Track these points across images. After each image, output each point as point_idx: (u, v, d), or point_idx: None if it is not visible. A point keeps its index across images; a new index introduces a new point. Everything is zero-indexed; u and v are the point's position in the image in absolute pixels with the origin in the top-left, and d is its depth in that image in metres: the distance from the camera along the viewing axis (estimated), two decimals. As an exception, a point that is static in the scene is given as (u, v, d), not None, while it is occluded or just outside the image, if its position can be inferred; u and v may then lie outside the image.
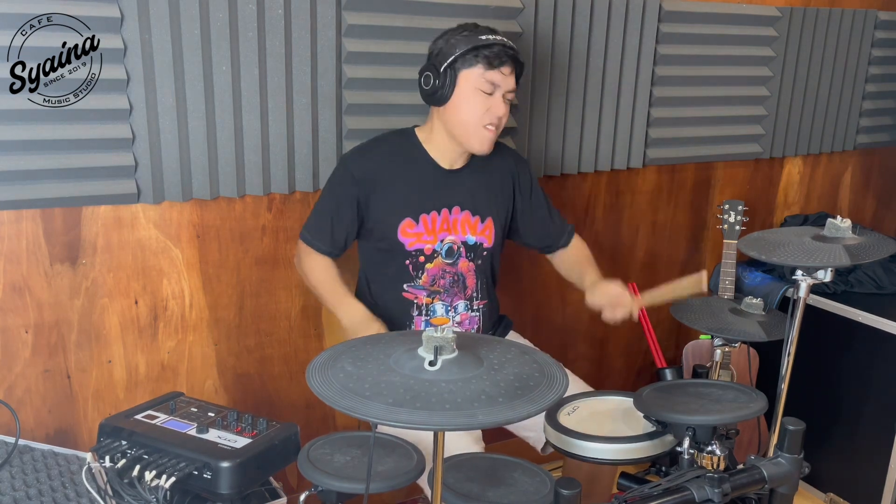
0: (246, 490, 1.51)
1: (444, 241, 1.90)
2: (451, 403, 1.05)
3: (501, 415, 1.05)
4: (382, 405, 1.05)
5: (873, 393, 2.49)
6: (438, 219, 1.90)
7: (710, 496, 1.28)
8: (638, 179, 2.72)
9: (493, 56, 1.76)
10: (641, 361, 2.92)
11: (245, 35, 1.86)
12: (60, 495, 1.42)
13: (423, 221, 1.88)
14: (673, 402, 1.51)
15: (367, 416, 1.03)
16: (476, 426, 1.04)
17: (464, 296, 1.94)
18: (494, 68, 1.77)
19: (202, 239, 1.99)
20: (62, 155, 1.75)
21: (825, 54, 2.95)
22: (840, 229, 1.55)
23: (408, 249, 1.87)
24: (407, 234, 1.87)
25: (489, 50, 1.76)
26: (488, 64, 1.76)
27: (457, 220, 1.92)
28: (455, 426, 1.05)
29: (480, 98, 1.79)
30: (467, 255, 1.93)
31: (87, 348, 1.91)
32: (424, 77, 1.81)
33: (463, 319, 1.95)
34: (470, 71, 1.77)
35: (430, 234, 1.89)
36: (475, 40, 1.76)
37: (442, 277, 1.91)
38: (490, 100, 1.79)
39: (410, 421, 1.02)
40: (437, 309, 1.92)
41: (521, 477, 1.45)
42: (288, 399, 2.20)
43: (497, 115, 1.81)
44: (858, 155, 3.30)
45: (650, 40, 2.52)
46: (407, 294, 1.90)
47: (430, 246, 1.89)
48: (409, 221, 1.87)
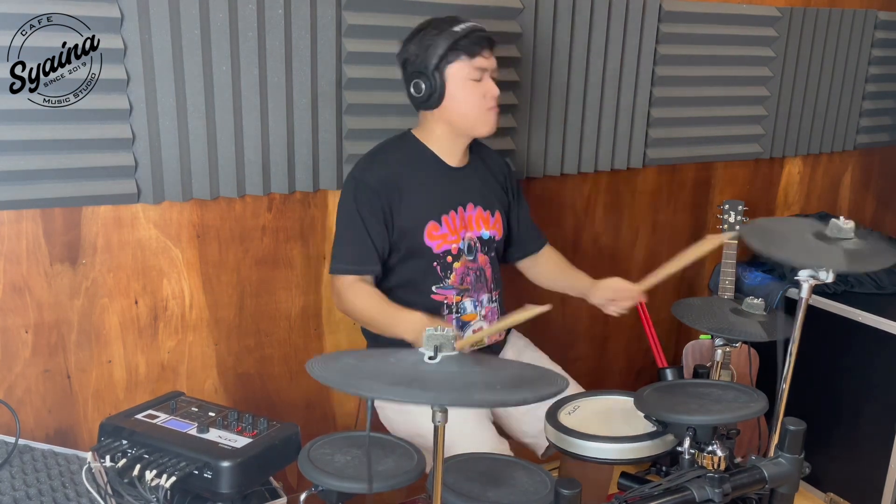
0: (246, 490, 1.51)
1: (464, 238, 1.92)
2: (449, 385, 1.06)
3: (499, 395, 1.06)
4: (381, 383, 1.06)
5: (873, 393, 2.49)
6: (457, 217, 1.91)
7: (711, 496, 1.29)
8: (638, 179, 2.72)
9: (472, 44, 1.78)
10: (641, 361, 2.92)
11: (245, 35, 1.86)
12: (60, 495, 1.42)
13: (445, 222, 1.88)
14: (673, 402, 1.51)
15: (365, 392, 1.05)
16: (473, 404, 1.05)
17: (486, 289, 1.96)
18: (477, 55, 1.79)
19: (202, 239, 1.99)
20: (62, 155, 1.74)
21: (825, 54, 2.95)
22: (843, 231, 1.54)
23: (436, 252, 1.87)
24: (433, 237, 1.87)
25: (467, 39, 1.78)
26: (471, 53, 1.78)
27: (472, 216, 1.94)
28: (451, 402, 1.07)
29: (472, 87, 1.81)
30: (482, 250, 1.95)
31: (87, 348, 1.91)
32: (414, 85, 1.82)
33: (487, 312, 1.96)
34: (455, 65, 1.79)
35: (454, 233, 1.90)
36: (451, 34, 1.77)
37: (467, 275, 1.92)
38: (481, 85, 1.82)
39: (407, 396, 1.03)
40: (467, 306, 1.92)
41: (521, 477, 1.45)
42: (288, 399, 2.20)
43: (493, 96, 1.83)
44: (858, 155, 3.30)
45: (650, 40, 2.52)
46: (436, 296, 1.89)
47: (455, 245, 1.90)
48: (433, 224, 1.87)
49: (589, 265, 2.66)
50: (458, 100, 1.81)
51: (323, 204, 2.11)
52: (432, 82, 1.78)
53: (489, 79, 1.83)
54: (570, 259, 2.19)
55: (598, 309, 2.02)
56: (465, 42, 1.77)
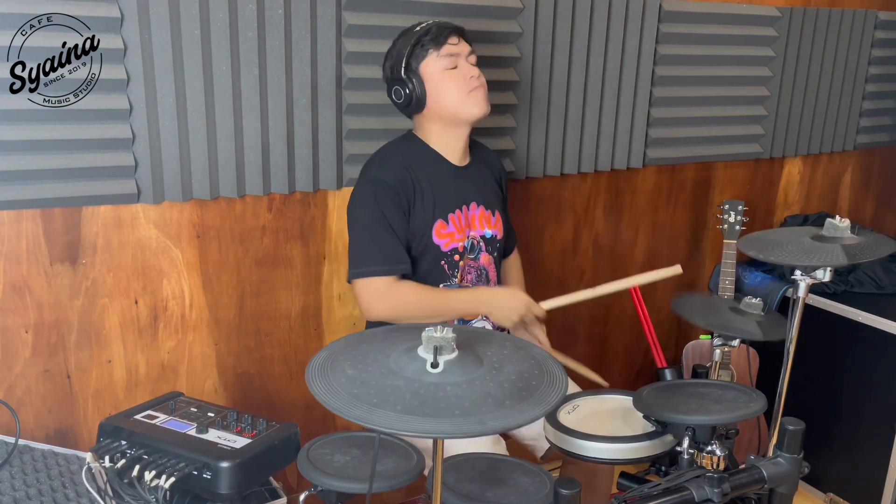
0: (246, 490, 1.51)
1: (469, 237, 1.92)
2: (459, 409, 1.04)
3: (511, 419, 1.04)
4: (392, 413, 1.03)
5: (873, 393, 2.49)
6: (462, 216, 1.91)
7: (710, 496, 1.29)
8: (638, 179, 2.72)
9: (434, 36, 1.81)
10: (641, 361, 2.92)
11: (245, 35, 1.86)
12: (60, 495, 1.42)
13: (452, 221, 1.89)
14: (673, 401, 1.51)
15: (379, 427, 1.02)
16: (487, 432, 1.03)
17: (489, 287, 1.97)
18: (443, 44, 1.81)
19: (202, 239, 1.99)
20: (62, 155, 1.75)
21: (825, 54, 2.95)
22: (839, 229, 1.55)
23: (444, 250, 1.88)
24: (441, 236, 1.87)
25: (428, 34, 1.81)
26: (436, 44, 1.81)
27: (475, 215, 1.94)
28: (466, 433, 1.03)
29: (450, 75, 1.82)
30: (486, 249, 1.96)
31: (87, 348, 1.91)
32: (395, 92, 1.85)
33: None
34: (426, 61, 1.81)
35: (460, 232, 1.90)
36: (412, 33, 1.83)
37: (469, 273, 1.93)
38: (458, 71, 1.83)
39: (422, 430, 1.01)
40: None
41: (520, 477, 1.45)
42: (288, 399, 2.20)
43: (473, 76, 1.84)
44: (858, 155, 3.30)
45: (650, 40, 2.52)
46: None
47: (461, 244, 1.90)
48: (441, 223, 1.87)
49: (589, 265, 2.68)
50: (439, 92, 1.83)
51: (323, 204, 2.11)
52: (410, 84, 1.82)
53: (465, 62, 1.84)
54: (571, 258, 2.20)
55: (598, 309, 2.02)
56: (427, 37, 1.81)
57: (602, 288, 1.96)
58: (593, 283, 2.56)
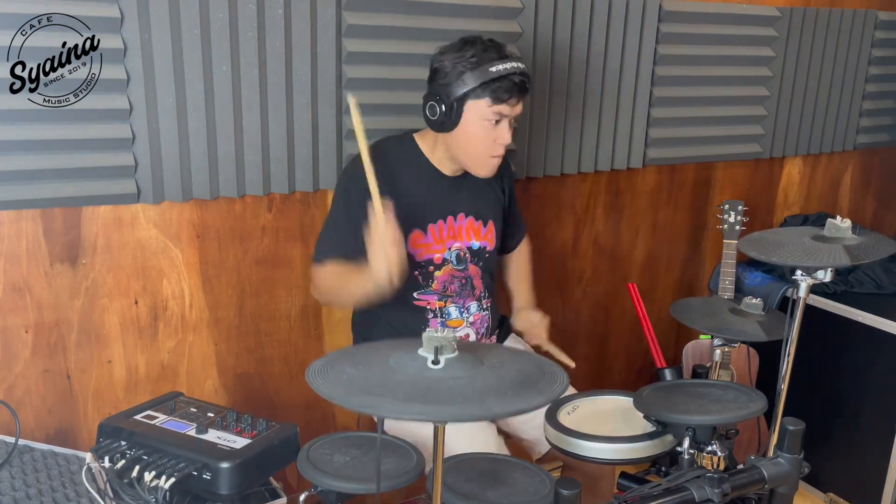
0: (246, 490, 1.51)
1: (451, 248, 1.90)
2: (461, 396, 1.05)
3: (513, 405, 1.05)
4: (394, 400, 1.03)
5: (873, 393, 2.49)
6: (445, 227, 1.88)
7: (710, 496, 1.28)
8: (638, 179, 2.72)
9: (501, 90, 1.71)
10: (641, 361, 2.92)
11: (245, 35, 1.86)
12: (60, 495, 1.42)
13: (430, 231, 1.86)
14: (673, 402, 1.51)
15: (380, 412, 1.02)
16: (490, 416, 1.03)
17: (474, 297, 1.94)
18: (502, 102, 1.72)
19: (202, 239, 1.99)
20: (62, 155, 1.74)
21: (825, 54, 2.95)
22: (840, 229, 1.55)
23: (417, 260, 1.85)
24: (416, 245, 1.85)
25: (499, 84, 1.70)
26: (496, 98, 1.71)
27: (462, 226, 1.91)
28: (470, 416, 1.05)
29: (486, 128, 1.75)
30: (472, 260, 1.93)
31: (87, 348, 1.91)
32: (430, 107, 1.76)
33: (475, 319, 1.94)
34: (476, 102, 1.72)
35: (439, 243, 1.88)
36: (485, 73, 1.69)
37: (451, 283, 1.91)
38: (496, 130, 1.75)
39: (425, 413, 1.02)
40: (452, 311, 1.91)
41: (521, 477, 1.45)
42: (288, 399, 2.20)
43: (503, 143, 1.78)
44: (858, 155, 3.30)
45: (650, 40, 2.52)
46: (418, 302, 1.88)
47: (439, 255, 1.88)
48: (417, 233, 1.84)
49: (589, 265, 2.68)
50: (466, 136, 1.76)
51: (323, 204, 2.11)
52: (448, 112, 1.73)
53: (506, 125, 1.76)
54: (570, 258, 2.20)
55: (598, 309, 2.02)
56: (495, 86, 1.70)
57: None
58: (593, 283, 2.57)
